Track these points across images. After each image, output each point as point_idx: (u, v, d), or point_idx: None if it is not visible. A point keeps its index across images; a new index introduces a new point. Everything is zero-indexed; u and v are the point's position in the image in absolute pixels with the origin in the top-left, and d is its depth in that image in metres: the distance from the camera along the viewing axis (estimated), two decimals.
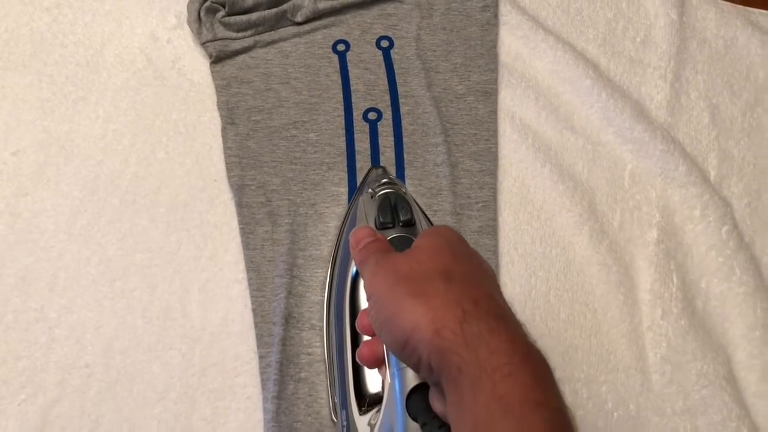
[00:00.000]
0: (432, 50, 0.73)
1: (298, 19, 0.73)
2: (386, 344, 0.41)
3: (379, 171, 0.64)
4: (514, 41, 0.74)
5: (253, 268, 0.62)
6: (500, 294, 0.39)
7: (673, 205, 0.66)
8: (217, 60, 0.71)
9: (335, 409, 0.56)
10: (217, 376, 0.59)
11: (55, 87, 0.71)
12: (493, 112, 0.70)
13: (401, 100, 0.70)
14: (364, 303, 0.55)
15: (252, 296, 0.61)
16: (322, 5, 0.73)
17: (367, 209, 0.56)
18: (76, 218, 0.65)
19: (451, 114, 0.70)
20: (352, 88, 0.71)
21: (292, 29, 0.73)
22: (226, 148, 0.68)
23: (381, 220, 0.54)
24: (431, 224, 0.61)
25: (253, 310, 0.61)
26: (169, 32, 0.74)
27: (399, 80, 0.71)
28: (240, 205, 0.65)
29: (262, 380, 0.58)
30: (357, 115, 0.70)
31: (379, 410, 0.47)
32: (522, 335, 0.35)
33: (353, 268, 0.58)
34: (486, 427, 0.32)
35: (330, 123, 0.69)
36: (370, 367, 0.46)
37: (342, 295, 0.58)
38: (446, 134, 0.68)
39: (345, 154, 0.68)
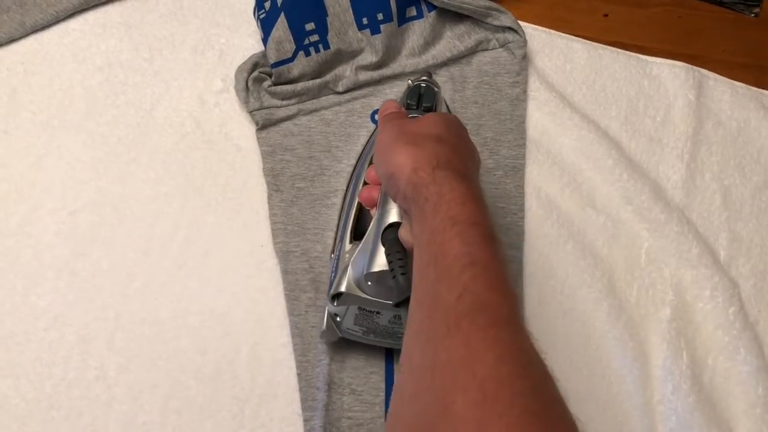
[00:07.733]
0: (464, 123, 0.77)
1: (339, 89, 0.77)
2: (379, 176, 0.52)
3: (425, 73, 0.70)
4: (542, 117, 0.78)
5: (297, 333, 0.67)
6: (475, 169, 0.51)
7: (685, 285, 0.71)
8: (262, 127, 0.75)
9: (334, 248, 0.68)
10: None
11: (108, 147, 0.74)
12: (520, 187, 0.75)
13: None
14: None
15: (297, 361, 0.66)
16: (362, 76, 0.77)
17: (402, 94, 0.67)
18: (131, 279, 0.69)
19: (481, 188, 0.74)
20: None
21: (333, 98, 0.77)
22: (271, 214, 0.72)
23: (407, 101, 0.65)
24: None
25: (298, 374, 0.66)
26: (216, 96, 0.77)
27: None
28: (285, 272, 0.69)
29: None
30: None
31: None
32: (478, 190, 0.46)
33: None
34: (438, 234, 0.42)
35: None
36: (367, 206, 0.60)
37: (364, 165, 0.70)
38: None
39: None
